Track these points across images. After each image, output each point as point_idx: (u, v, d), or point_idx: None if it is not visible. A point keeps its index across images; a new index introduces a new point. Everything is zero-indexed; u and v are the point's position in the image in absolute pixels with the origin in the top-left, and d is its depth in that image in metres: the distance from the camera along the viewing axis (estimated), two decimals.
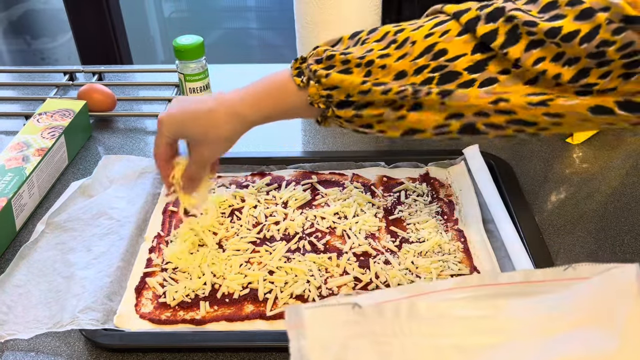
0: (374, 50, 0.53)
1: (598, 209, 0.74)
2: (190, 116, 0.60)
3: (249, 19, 2.24)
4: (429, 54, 0.51)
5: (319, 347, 0.38)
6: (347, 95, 0.54)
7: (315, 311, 0.39)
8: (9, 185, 0.71)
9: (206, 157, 0.62)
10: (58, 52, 1.99)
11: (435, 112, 0.53)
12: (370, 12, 0.89)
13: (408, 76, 0.52)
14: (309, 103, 0.57)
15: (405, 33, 0.53)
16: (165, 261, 0.66)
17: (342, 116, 0.56)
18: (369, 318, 0.38)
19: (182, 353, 0.58)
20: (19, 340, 0.58)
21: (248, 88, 0.60)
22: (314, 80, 0.55)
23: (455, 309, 0.40)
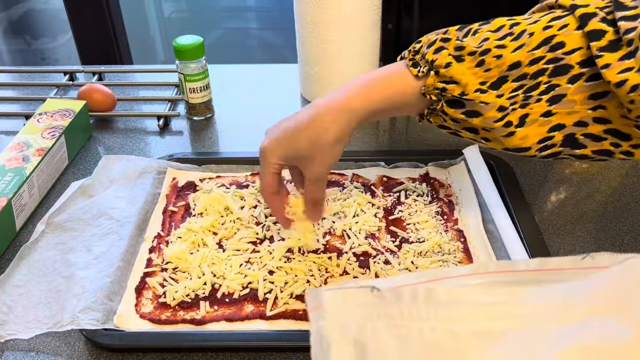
0: (489, 40, 0.53)
1: (598, 209, 0.75)
2: (292, 132, 0.57)
3: (249, 19, 2.24)
4: (547, 45, 0.51)
5: (338, 327, 0.38)
6: (462, 94, 0.53)
7: (335, 293, 0.39)
8: (9, 185, 0.71)
9: (321, 170, 0.58)
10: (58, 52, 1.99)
11: (539, 124, 0.53)
12: (370, 12, 0.89)
13: (522, 67, 0.51)
14: (422, 94, 0.55)
15: (522, 26, 0.52)
16: (165, 261, 0.66)
17: (449, 114, 0.55)
18: (387, 301, 0.39)
19: (182, 353, 0.58)
20: (19, 340, 0.58)
21: (355, 83, 0.57)
22: (433, 69, 0.54)
23: (472, 294, 0.40)
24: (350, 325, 0.39)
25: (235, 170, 0.80)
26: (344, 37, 0.90)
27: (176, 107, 0.98)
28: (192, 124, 0.94)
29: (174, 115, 0.94)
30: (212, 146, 0.89)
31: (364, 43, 0.92)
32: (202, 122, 0.94)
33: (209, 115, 0.96)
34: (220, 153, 0.86)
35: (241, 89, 1.04)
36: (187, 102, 0.94)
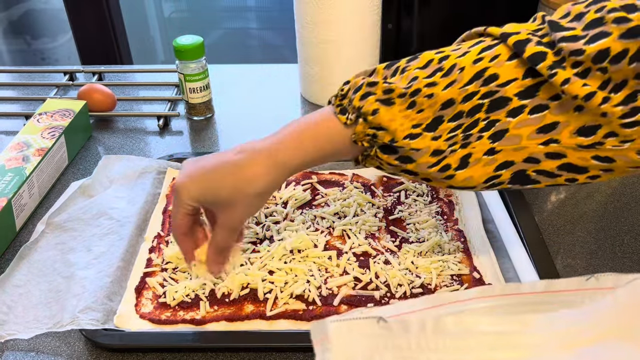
0: (419, 78, 0.50)
1: (598, 209, 0.75)
2: (214, 175, 0.53)
3: (249, 19, 2.24)
4: (479, 79, 0.49)
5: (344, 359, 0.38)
6: (392, 140, 0.51)
7: (340, 325, 0.39)
8: (9, 185, 0.71)
9: (237, 220, 0.54)
10: (58, 52, 1.99)
11: (484, 164, 0.51)
12: (370, 12, 0.89)
13: (456, 104, 0.49)
14: (353, 141, 0.53)
15: (451, 60, 0.50)
16: (165, 261, 0.66)
17: (383, 160, 0.53)
18: (394, 332, 0.39)
19: (182, 353, 0.58)
20: (19, 340, 0.58)
21: (282, 133, 0.54)
22: (361, 117, 0.51)
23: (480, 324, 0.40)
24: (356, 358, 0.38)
25: None
26: (344, 37, 0.90)
27: (176, 107, 0.98)
28: (192, 124, 0.94)
29: (174, 115, 0.94)
30: (212, 146, 0.89)
31: (364, 43, 0.92)
32: (202, 122, 0.94)
33: (209, 115, 0.96)
34: None
35: (241, 89, 1.04)
36: (187, 102, 0.94)
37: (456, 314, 0.41)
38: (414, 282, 0.62)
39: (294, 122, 0.55)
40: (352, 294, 0.61)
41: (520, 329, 0.40)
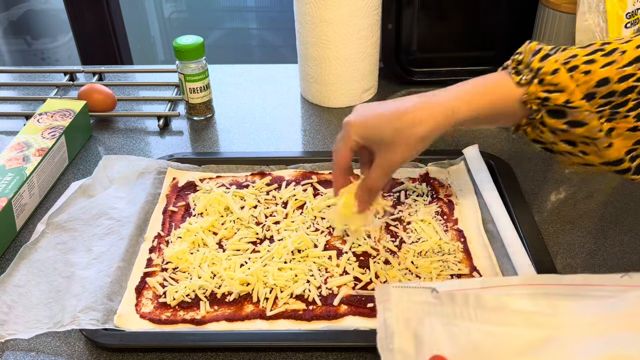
0: (578, 56, 0.52)
1: (598, 209, 0.75)
2: (384, 116, 0.56)
3: (249, 19, 2.24)
4: (638, 63, 0.50)
5: (401, 319, 0.46)
6: (566, 102, 0.52)
7: (400, 290, 0.47)
8: (10, 185, 0.71)
9: (395, 160, 0.57)
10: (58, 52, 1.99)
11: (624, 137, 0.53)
12: (370, 12, 0.89)
13: (610, 84, 0.51)
14: (522, 102, 0.55)
15: (614, 44, 0.52)
16: (165, 261, 0.66)
17: (548, 125, 0.54)
18: (443, 302, 0.46)
19: (182, 353, 0.58)
20: (19, 340, 0.59)
21: (458, 86, 0.57)
22: (537, 78, 0.53)
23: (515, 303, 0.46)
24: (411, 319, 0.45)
25: (235, 170, 0.80)
26: (344, 37, 0.90)
27: (176, 107, 0.98)
28: (192, 124, 0.94)
29: (174, 115, 0.94)
30: (212, 146, 0.89)
31: (364, 43, 0.92)
32: (202, 122, 0.95)
33: (209, 115, 0.96)
34: (220, 153, 0.86)
35: (241, 89, 1.04)
36: (187, 102, 0.94)
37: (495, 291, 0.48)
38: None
39: (463, 82, 0.58)
40: (352, 294, 0.61)
41: (551, 311, 0.45)
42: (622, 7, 0.80)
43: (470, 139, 0.87)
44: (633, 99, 0.51)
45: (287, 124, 0.94)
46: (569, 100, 0.52)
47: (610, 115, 0.52)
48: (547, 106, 0.54)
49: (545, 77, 0.53)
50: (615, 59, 0.51)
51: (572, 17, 0.84)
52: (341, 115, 0.95)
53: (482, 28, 1.01)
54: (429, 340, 0.44)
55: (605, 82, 0.51)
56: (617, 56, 0.51)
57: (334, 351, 0.58)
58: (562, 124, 0.54)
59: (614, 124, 0.52)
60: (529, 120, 0.57)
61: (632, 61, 0.51)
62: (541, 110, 0.54)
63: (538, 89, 0.53)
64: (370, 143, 0.58)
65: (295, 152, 0.85)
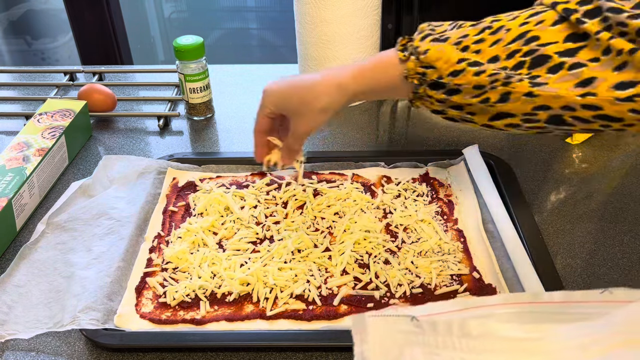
0: (469, 36, 0.55)
1: (598, 209, 0.75)
2: (292, 88, 0.63)
3: (249, 19, 2.24)
4: (522, 39, 0.53)
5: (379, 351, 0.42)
6: (439, 77, 0.56)
7: (377, 320, 0.44)
8: (10, 185, 0.71)
9: (303, 129, 0.63)
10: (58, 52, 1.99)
11: (522, 102, 0.54)
12: (370, 11, 0.89)
13: (500, 60, 0.53)
14: (404, 77, 0.58)
15: (501, 22, 0.55)
16: (165, 261, 0.66)
17: (433, 96, 0.58)
18: (424, 330, 0.43)
19: (182, 353, 0.58)
20: (19, 340, 0.59)
21: (356, 62, 0.62)
22: (415, 55, 0.57)
23: (501, 330, 0.44)
24: (390, 350, 0.43)
25: (235, 170, 0.80)
26: (344, 37, 0.90)
27: (176, 107, 0.98)
28: (192, 124, 0.94)
29: (174, 116, 0.94)
30: (212, 146, 0.89)
31: (364, 43, 0.92)
32: (202, 122, 0.95)
33: (209, 115, 0.96)
34: (220, 153, 0.86)
35: (241, 89, 1.04)
36: (187, 102, 0.94)
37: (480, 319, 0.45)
38: (413, 282, 0.62)
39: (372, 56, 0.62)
40: (352, 294, 0.61)
41: (538, 336, 0.43)
42: None
43: (470, 139, 0.87)
44: (525, 74, 0.53)
45: None
46: (440, 76, 0.56)
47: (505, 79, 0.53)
48: (425, 80, 0.57)
49: (419, 55, 0.56)
50: (501, 37, 0.54)
51: None
52: (341, 115, 0.95)
53: None
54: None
55: (496, 59, 0.53)
56: (503, 34, 0.54)
57: (334, 351, 0.58)
58: (442, 94, 0.57)
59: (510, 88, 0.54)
60: (415, 94, 0.59)
61: (515, 38, 0.53)
62: (423, 85, 0.58)
63: (416, 64, 0.57)
64: (282, 111, 0.64)
65: None
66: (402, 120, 0.96)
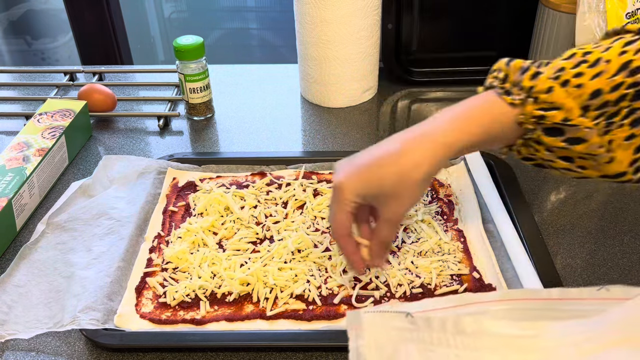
0: (566, 69, 0.51)
1: (598, 209, 0.75)
2: (377, 167, 0.53)
3: (249, 19, 2.24)
4: (625, 70, 0.50)
5: (374, 347, 0.42)
6: (565, 119, 0.51)
7: (373, 316, 0.44)
8: (10, 185, 0.71)
9: (402, 211, 0.54)
10: (58, 52, 1.99)
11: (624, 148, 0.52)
12: (370, 12, 0.89)
13: (603, 94, 0.50)
14: (518, 123, 0.53)
15: (595, 54, 0.51)
16: (165, 261, 0.66)
17: (545, 143, 0.53)
18: (419, 327, 0.43)
19: (182, 353, 0.58)
20: (19, 340, 0.59)
21: (442, 118, 0.54)
22: (531, 97, 0.52)
23: (496, 327, 0.43)
24: (385, 346, 0.43)
25: (235, 170, 0.80)
26: (344, 37, 0.90)
27: (176, 107, 0.98)
28: (192, 124, 0.94)
29: (174, 116, 0.94)
30: (212, 146, 0.89)
31: (364, 43, 0.92)
32: (202, 122, 0.95)
33: (209, 115, 0.96)
34: (220, 153, 0.86)
35: (241, 89, 1.04)
36: (187, 102, 0.94)
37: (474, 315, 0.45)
38: (413, 282, 0.62)
39: (450, 108, 0.55)
40: (352, 294, 0.61)
41: (533, 333, 0.43)
42: (622, 7, 0.80)
43: None
44: (625, 106, 0.50)
45: (287, 124, 0.94)
46: (567, 117, 0.51)
47: (605, 127, 0.51)
48: (543, 124, 0.52)
49: (539, 96, 0.51)
50: (602, 69, 0.50)
51: (572, 17, 0.84)
52: (341, 115, 0.95)
53: (482, 28, 1.01)
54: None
55: (598, 93, 0.50)
56: (604, 66, 0.50)
57: (334, 351, 0.58)
58: (560, 142, 0.52)
59: (611, 136, 0.51)
60: (524, 140, 0.55)
61: (619, 69, 0.50)
62: (537, 129, 0.53)
63: (533, 107, 0.52)
64: (369, 200, 0.55)
65: (295, 152, 0.85)
66: (402, 120, 0.96)
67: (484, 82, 0.57)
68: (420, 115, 0.96)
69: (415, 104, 0.99)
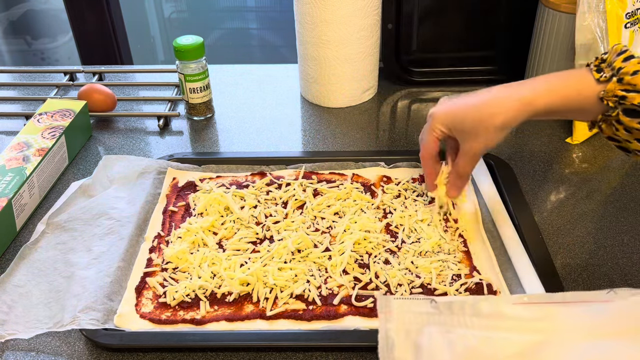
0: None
1: (597, 209, 0.75)
2: (466, 106, 0.62)
3: (249, 19, 2.24)
4: None
5: (401, 330, 0.47)
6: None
7: (401, 302, 0.49)
8: (10, 185, 0.71)
9: (479, 148, 0.63)
10: (58, 52, 1.99)
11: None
12: (370, 12, 0.89)
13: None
14: (599, 98, 0.56)
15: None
16: (165, 261, 0.66)
17: (624, 123, 0.56)
18: (441, 311, 0.48)
19: (182, 353, 0.58)
20: (19, 340, 0.59)
21: (537, 79, 0.60)
22: (617, 76, 0.55)
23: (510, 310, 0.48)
24: (411, 330, 0.47)
25: (235, 170, 0.80)
26: (344, 37, 0.90)
27: (176, 107, 0.98)
28: (192, 124, 0.94)
29: (174, 116, 0.94)
30: (212, 146, 0.89)
31: (364, 43, 0.92)
32: (202, 122, 0.95)
33: (209, 115, 0.96)
34: (220, 153, 0.86)
35: (241, 89, 1.04)
36: (187, 102, 0.94)
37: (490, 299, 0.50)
38: (413, 282, 0.62)
39: (547, 75, 0.61)
40: (352, 294, 0.61)
41: (546, 317, 0.47)
42: (622, 7, 0.80)
43: None
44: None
45: (287, 124, 0.94)
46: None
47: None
48: (623, 105, 0.55)
49: (624, 77, 0.54)
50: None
51: (572, 17, 0.84)
52: (341, 115, 0.95)
53: (482, 28, 1.01)
54: (428, 349, 0.46)
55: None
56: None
57: (334, 351, 0.58)
58: (636, 123, 0.55)
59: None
60: (604, 117, 0.58)
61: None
62: (617, 108, 0.56)
63: (616, 87, 0.55)
64: (454, 132, 0.64)
65: (295, 152, 0.85)
66: (402, 120, 0.96)
67: None
68: (420, 116, 0.96)
69: (415, 104, 0.99)
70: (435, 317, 0.47)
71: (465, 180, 0.67)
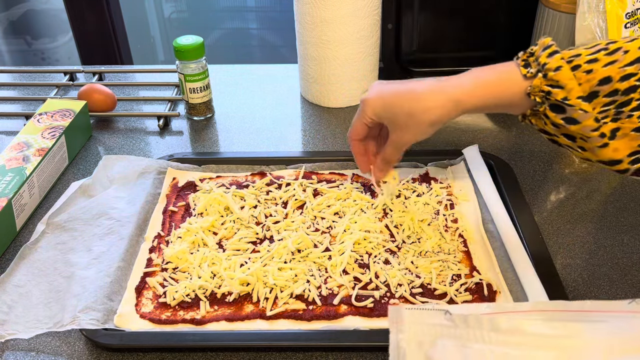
0: (581, 55, 0.54)
1: (597, 208, 0.75)
2: (398, 98, 0.61)
3: (249, 19, 2.24)
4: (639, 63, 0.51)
5: (413, 341, 0.45)
6: (564, 98, 0.54)
7: (413, 312, 0.46)
8: (10, 185, 0.71)
9: (405, 140, 0.63)
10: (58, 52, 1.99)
11: (630, 138, 0.53)
12: (370, 12, 0.89)
13: (612, 82, 0.52)
14: (527, 94, 0.56)
15: (618, 44, 0.53)
16: (165, 261, 0.66)
17: (550, 118, 0.56)
18: (456, 324, 0.46)
19: (182, 353, 0.58)
20: (19, 340, 0.59)
21: (466, 76, 0.60)
22: (542, 72, 0.55)
23: (530, 326, 0.46)
24: (423, 341, 0.45)
25: (235, 170, 0.80)
26: (344, 37, 0.90)
27: (176, 107, 0.98)
28: (192, 124, 0.94)
29: (174, 115, 0.94)
30: (212, 146, 0.89)
31: (364, 43, 0.92)
32: (202, 122, 0.95)
33: (209, 115, 0.96)
34: (220, 153, 0.86)
35: (241, 89, 1.04)
36: (187, 102, 0.94)
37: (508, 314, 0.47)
38: (413, 282, 0.62)
39: (476, 69, 0.61)
40: (352, 294, 0.61)
41: (567, 333, 0.45)
42: (622, 7, 0.80)
43: (470, 139, 0.87)
44: (636, 98, 0.52)
45: (287, 124, 0.94)
46: (567, 97, 0.54)
47: (615, 115, 0.53)
48: (549, 100, 0.55)
49: (548, 73, 0.54)
50: (617, 58, 0.52)
51: (572, 17, 0.84)
52: (341, 115, 0.95)
53: (482, 28, 1.01)
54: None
55: (607, 80, 0.52)
56: (620, 55, 0.52)
57: (334, 351, 0.58)
58: (559, 119, 0.55)
59: (619, 124, 0.53)
60: (533, 111, 0.58)
61: (634, 60, 0.51)
62: (544, 103, 0.56)
63: (542, 82, 0.55)
64: (384, 121, 0.64)
65: (295, 152, 0.85)
66: None
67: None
68: None
69: None
70: (451, 330, 0.46)
71: (389, 166, 0.68)
